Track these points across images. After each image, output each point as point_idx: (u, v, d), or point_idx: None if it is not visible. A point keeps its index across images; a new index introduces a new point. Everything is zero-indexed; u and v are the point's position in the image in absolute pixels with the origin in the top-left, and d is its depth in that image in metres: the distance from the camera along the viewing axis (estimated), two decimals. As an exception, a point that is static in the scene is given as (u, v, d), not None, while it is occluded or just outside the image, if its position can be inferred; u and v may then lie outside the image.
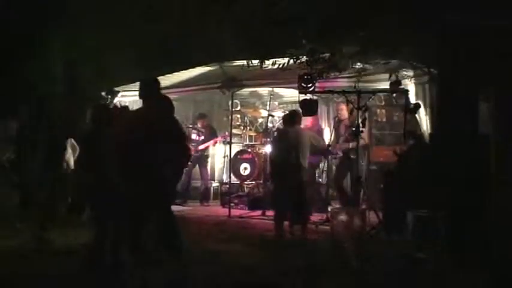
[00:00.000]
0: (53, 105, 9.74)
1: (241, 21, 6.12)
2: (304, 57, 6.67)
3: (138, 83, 9.65)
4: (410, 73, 7.31)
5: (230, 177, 9.72)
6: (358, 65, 7.22)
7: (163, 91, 9.15)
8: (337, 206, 8.13)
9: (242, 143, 10.72)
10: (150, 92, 5.22)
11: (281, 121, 9.50)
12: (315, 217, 7.81)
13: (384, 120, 8.69)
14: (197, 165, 10.07)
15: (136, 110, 5.25)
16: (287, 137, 6.79)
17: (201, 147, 10.06)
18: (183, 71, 10.31)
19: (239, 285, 4.86)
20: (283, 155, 6.71)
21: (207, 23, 6.71)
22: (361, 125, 7.00)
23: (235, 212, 8.82)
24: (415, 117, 7.44)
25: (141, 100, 5.42)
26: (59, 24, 11.24)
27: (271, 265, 5.47)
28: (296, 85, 7.35)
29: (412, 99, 7.51)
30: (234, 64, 9.37)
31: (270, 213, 8.32)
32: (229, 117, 9.47)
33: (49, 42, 11.56)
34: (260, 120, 10.75)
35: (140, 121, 4.93)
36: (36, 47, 11.68)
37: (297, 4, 5.72)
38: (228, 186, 9.79)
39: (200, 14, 6.69)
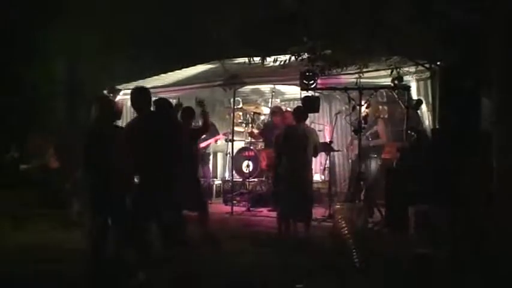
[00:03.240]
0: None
1: (243, 19, 6.11)
2: (306, 54, 6.66)
3: (139, 81, 9.80)
4: (412, 69, 7.29)
5: (232, 174, 9.72)
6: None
7: (165, 89, 9.29)
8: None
9: (244, 141, 10.72)
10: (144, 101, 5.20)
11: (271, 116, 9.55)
12: (318, 213, 7.81)
13: (386, 116, 8.67)
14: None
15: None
16: (295, 134, 6.73)
17: (203, 145, 10.05)
18: (185, 69, 10.34)
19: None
20: (291, 152, 6.66)
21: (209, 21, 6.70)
22: (362, 121, 7.01)
23: (238, 209, 8.83)
24: (417, 114, 7.43)
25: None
26: (60, 23, 11.27)
27: (275, 263, 5.48)
28: (298, 82, 7.35)
29: (414, 95, 7.51)
30: (236, 61, 9.37)
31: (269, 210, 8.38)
32: (231, 114, 9.46)
33: (49, 41, 11.60)
34: (262, 117, 10.74)
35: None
36: (36, 46, 11.72)
37: (299, 2, 5.70)
38: (230, 183, 9.78)
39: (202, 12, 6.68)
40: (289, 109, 9.31)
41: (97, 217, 5.06)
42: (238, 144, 10.19)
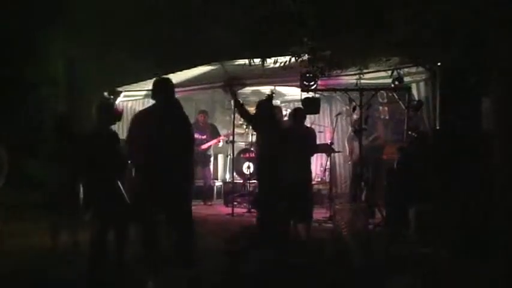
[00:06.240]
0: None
1: (243, 20, 6.10)
2: (306, 55, 6.65)
3: (140, 83, 9.80)
4: (413, 70, 7.29)
5: (233, 176, 9.72)
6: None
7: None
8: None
9: (245, 142, 10.71)
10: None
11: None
12: (319, 215, 7.80)
13: (387, 117, 8.67)
14: (199, 165, 10.06)
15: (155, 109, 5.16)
16: (294, 135, 6.73)
17: (204, 146, 10.05)
18: (185, 71, 10.32)
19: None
20: (290, 153, 6.65)
21: (209, 23, 6.70)
22: (363, 122, 7.00)
23: (239, 210, 8.82)
24: (418, 114, 7.43)
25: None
26: (61, 24, 11.28)
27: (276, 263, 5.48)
28: (298, 83, 7.35)
29: (415, 96, 7.51)
30: (236, 63, 9.37)
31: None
32: (232, 116, 9.46)
33: (50, 43, 11.62)
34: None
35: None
36: (38, 47, 11.74)
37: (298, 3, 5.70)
38: (231, 185, 9.77)
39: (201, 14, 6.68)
40: (289, 110, 9.31)
41: (96, 217, 5.08)
42: (239, 146, 10.19)
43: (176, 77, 9.99)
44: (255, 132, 10.72)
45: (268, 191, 6.19)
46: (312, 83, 7.13)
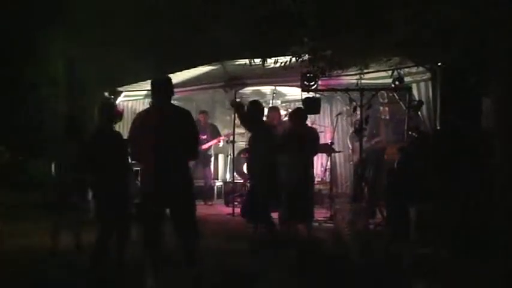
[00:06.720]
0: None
1: (243, 20, 6.11)
2: (306, 55, 6.65)
3: (140, 83, 9.80)
4: (413, 70, 7.28)
5: (233, 176, 9.72)
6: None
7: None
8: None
9: (245, 142, 10.71)
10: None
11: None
12: (319, 215, 7.80)
13: (387, 117, 8.67)
14: (200, 165, 10.07)
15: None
16: (296, 135, 6.74)
17: (205, 146, 10.05)
18: (185, 71, 10.33)
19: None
20: (291, 153, 6.66)
21: (209, 23, 6.70)
22: (364, 122, 7.00)
23: (239, 210, 8.81)
24: (418, 114, 7.43)
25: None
26: (61, 24, 11.29)
27: (276, 262, 5.48)
28: (298, 83, 7.35)
29: (415, 96, 7.51)
30: (236, 63, 9.37)
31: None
32: (232, 116, 9.46)
33: (50, 43, 11.63)
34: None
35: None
36: (38, 47, 11.75)
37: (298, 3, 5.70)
38: (231, 185, 9.77)
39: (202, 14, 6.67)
40: (290, 110, 9.31)
41: (97, 217, 5.08)
42: (239, 146, 10.19)
43: (176, 77, 10.01)
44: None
45: (262, 194, 6.13)
46: (313, 83, 7.13)
